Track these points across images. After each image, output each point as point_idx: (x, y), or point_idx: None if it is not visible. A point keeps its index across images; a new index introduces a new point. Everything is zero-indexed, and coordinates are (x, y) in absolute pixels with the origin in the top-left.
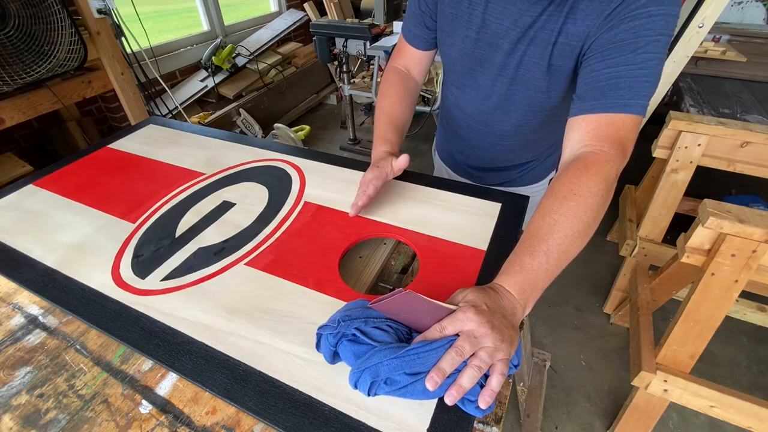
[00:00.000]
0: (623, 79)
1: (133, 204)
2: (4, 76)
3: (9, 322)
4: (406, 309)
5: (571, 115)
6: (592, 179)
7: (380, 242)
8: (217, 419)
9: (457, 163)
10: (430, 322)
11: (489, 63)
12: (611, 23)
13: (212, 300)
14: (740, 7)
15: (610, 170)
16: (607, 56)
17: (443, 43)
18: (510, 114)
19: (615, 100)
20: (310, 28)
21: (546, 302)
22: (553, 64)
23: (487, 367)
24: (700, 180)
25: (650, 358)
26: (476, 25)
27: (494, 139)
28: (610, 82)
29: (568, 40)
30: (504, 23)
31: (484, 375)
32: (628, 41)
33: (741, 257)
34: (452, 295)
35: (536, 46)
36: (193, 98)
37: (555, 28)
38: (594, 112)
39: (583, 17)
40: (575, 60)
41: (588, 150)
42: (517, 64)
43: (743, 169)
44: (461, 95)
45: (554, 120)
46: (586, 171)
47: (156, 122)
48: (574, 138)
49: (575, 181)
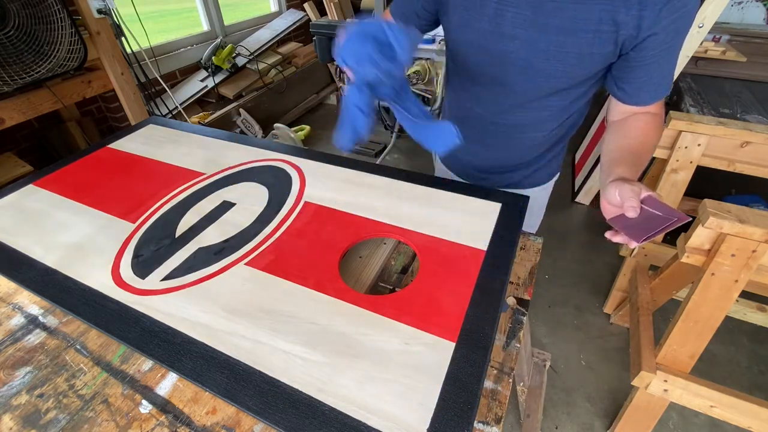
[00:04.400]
0: (668, 75)
1: (133, 204)
2: (4, 76)
3: (9, 322)
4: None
5: (627, 102)
6: (659, 134)
7: (380, 242)
8: (217, 419)
9: (462, 167)
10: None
11: (508, 55)
12: (664, 20)
13: (212, 300)
14: (740, 7)
15: (662, 125)
16: (661, 52)
17: (455, 38)
18: (531, 104)
19: (665, 88)
20: (310, 28)
21: (546, 302)
22: (592, 53)
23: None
24: (700, 180)
25: (650, 358)
26: (490, 15)
27: (512, 132)
28: (661, 80)
29: (615, 29)
30: (522, 11)
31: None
32: (674, 39)
33: (741, 257)
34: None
35: (570, 35)
36: (193, 98)
37: (599, 17)
38: (650, 103)
39: (638, 8)
40: (618, 47)
41: (647, 114)
42: (541, 54)
43: (743, 169)
44: (478, 90)
45: (573, 106)
46: (656, 130)
47: (156, 122)
48: (631, 111)
49: (651, 138)
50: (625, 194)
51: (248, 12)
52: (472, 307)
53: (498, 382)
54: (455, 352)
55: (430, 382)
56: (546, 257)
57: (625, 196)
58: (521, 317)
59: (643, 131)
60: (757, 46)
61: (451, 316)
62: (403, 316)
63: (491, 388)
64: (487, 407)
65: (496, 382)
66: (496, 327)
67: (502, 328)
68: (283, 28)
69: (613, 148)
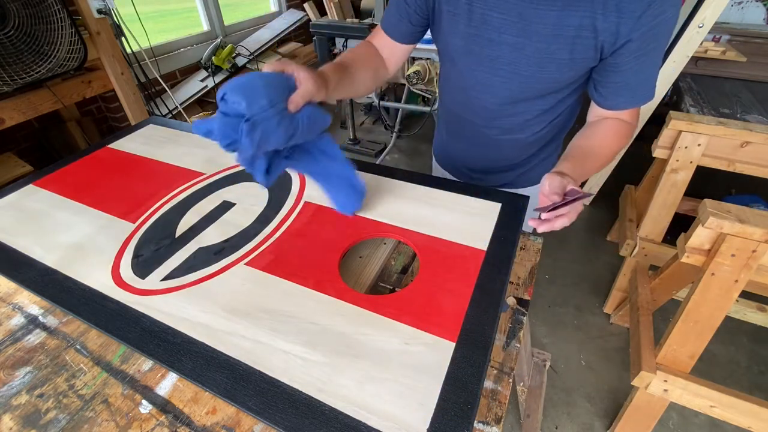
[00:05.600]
0: (649, 79)
1: (133, 204)
2: (4, 76)
3: (9, 322)
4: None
5: (602, 105)
6: (622, 143)
7: (380, 242)
8: (217, 419)
9: (457, 168)
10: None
11: (496, 59)
12: (642, 27)
13: (212, 300)
14: (740, 7)
15: (631, 135)
16: (637, 58)
17: (444, 43)
18: (518, 107)
19: (643, 95)
20: (310, 28)
21: (546, 302)
22: (573, 58)
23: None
24: (700, 180)
25: (650, 358)
26: (477, 21)
27: (501, 134)
28: (638, 86)
29: (594, 35)
30: (508, 17)
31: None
32: (652, 44)
33: (741, 257)
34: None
35: (554, 41)
36: (193, 98)
37: (580, 23)
38: (625, 108)
39: (617, 15)
40: (598, 53)
41: (617, 120)
42: (528, 59)
43: (743, 169)
44: (467, 94)
45: (560, 107)
46: (618, 138)
47: (156, 122)
48: (604, 114)
49: (610, 143)
50: (554, 186)
51: (248, 12)
52: (472, 307)
53: (498, 382)
54: (455, 352)
55: (430, 382)
56: (546, 257)
57: (553, 187)
58: (521, 317)
59: (607, 136)
60: (757, 46)
61: (451, 316)
62: (403, 316)
63: (491, 388)
64: (487, 407)
65: (496, 382)
66: (496, 327)
67: (502, 328)
68: (283, 28)
69: (571, 145)
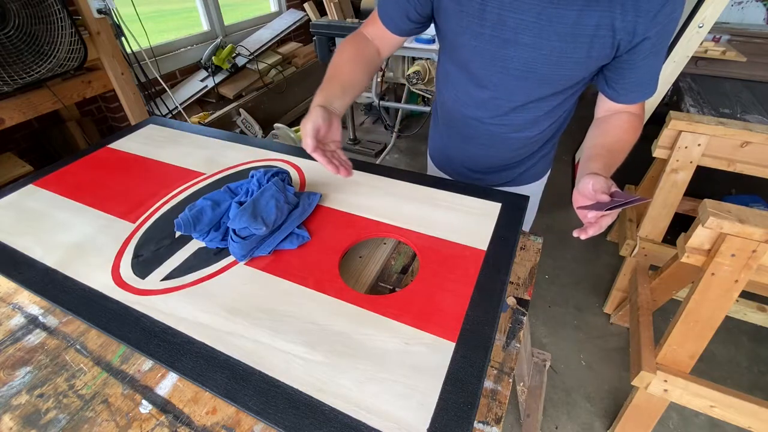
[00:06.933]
0: (657, 73)
1: (133, 204)
2: (4, 76)
3: (9, 322)
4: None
5: (616, 100)
6: (636, 136)
7: (380, 242)
8: (217, 419)
9: (456, 168)
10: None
11: (510, 59)
12: (658, 26)
13: (212, 300)
14: (740, 7)
15: (641, 127)
16: (652, 55)
17: (451, 42)
18: (530, 105)
19: (652, 89)
20: (310, 28)
21: (546, 302)
22: (590, 56)
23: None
24: (700, 180)
25: (650, 358)
26: (491, 21)
27: (508, 133)
28: (649, 81)
29: (612, 33)
30: (526, 17)
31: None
32: (664, 42)
33: (741, 257)
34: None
35: (572, 40)
36: (193, 98)
37: (598, 22)
38: (636, 102)
39: (634, 14)
40: (614, 51)
41: (628, 113)
42: (545, 58)
43: (743, 169)
44: (476, 92)
45: (566, 104)
46: (633, 132)
47: (156, 122)
48: (614, 109)
49: (628, 138)
50: (599, 186)
51: (248, 12)
52: (472, 307)
53: (498, 382)
54: (455, 352)
55: (430, 382)
56: (546, 257)
57: (598, 187)
58: (521, 317)
59: (623, 130)
60: (757, 46)
61: (451, 316)
62: (403, 316)
63: (491, 388)
64: (487, 407)
65: (496, 382)
66: (496, 327)
67: (502, 328)
68: (283, 28)
69: (592, 144)
